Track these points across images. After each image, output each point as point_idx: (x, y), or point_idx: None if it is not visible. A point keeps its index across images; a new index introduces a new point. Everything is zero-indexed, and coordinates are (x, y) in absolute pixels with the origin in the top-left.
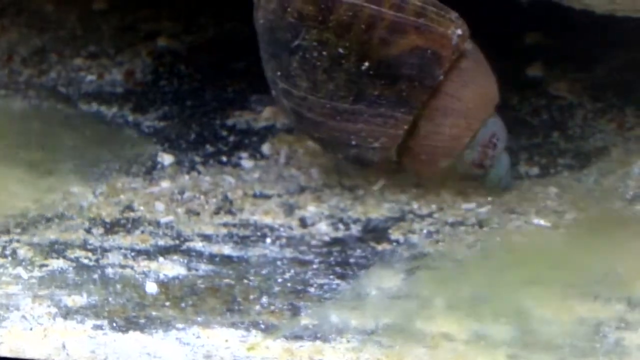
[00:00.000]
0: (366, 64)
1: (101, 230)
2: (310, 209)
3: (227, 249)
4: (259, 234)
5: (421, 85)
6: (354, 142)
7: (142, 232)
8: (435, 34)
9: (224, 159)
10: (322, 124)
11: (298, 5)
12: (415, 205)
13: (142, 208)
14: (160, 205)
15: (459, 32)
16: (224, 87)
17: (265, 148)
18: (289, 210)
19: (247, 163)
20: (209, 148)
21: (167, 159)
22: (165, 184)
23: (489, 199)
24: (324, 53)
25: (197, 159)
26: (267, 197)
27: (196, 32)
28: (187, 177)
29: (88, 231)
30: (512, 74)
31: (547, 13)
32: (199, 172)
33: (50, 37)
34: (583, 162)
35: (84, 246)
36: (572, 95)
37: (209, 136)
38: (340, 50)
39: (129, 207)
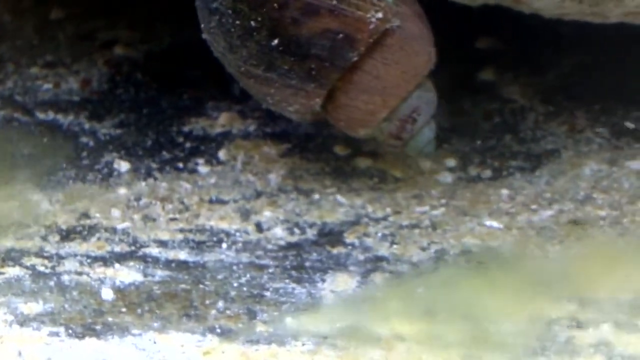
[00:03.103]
0: (276, 40)
1: (57, 237)
2: (266, 214)
3: (183, 255)
4: (215, 239)
5: (332, 65)
6: (270, 102)
7: (99, 238)
8: (351, 18)
9: (181, 165)
10: (241, 80)
11: None
12: (370, 209)
13: (98, 215)
14: (116, 212)
15: (380, 15)
16: (180, 94)
17: (222, 154)
18: (245, 215)
19: (203, 169)
20: (166, 155)
21: (123, 166)
22: (121, 191)
23: (443, 201)
24: (237, 22)
25: (154, 165)
26: (224, 202)
27: (152, 40)
28: (143, 183)
29: (44, 239)
30: (464, 78)
31: (497, 18)
32: (156, 179)
33: (7, 47)
34: (535, 165)
35: (40, 253)
36: (524, 98)
37: (166, 143)
38: (252, 23)
39: (85, 214)
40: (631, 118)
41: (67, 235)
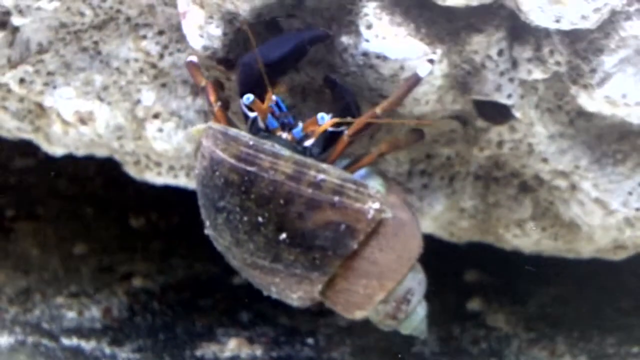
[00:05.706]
0: (283, 234)
1: None
2: None
3: None
4: None
5: (334, 254)
6: (274, 290)
7: None
8: (351, 210)
9: None
10: (245, 271)
11: (225, 172)
12: None
13: None
14: None
15: (376, 206)
16: (193, 321)
17: None
18: None
19: None
20: None
21: None
22: None
23: None
24: (245, 218)
25: None
26: None
27: (168, 272)
28: None
29: None
30: (454, 308)
31: (482, 253)
32: None
33: (34, 279)
34: None
35: None
36: (508, 326)
37: None
38: (260, 219)
39: None
40: (607, 344)
41: None
